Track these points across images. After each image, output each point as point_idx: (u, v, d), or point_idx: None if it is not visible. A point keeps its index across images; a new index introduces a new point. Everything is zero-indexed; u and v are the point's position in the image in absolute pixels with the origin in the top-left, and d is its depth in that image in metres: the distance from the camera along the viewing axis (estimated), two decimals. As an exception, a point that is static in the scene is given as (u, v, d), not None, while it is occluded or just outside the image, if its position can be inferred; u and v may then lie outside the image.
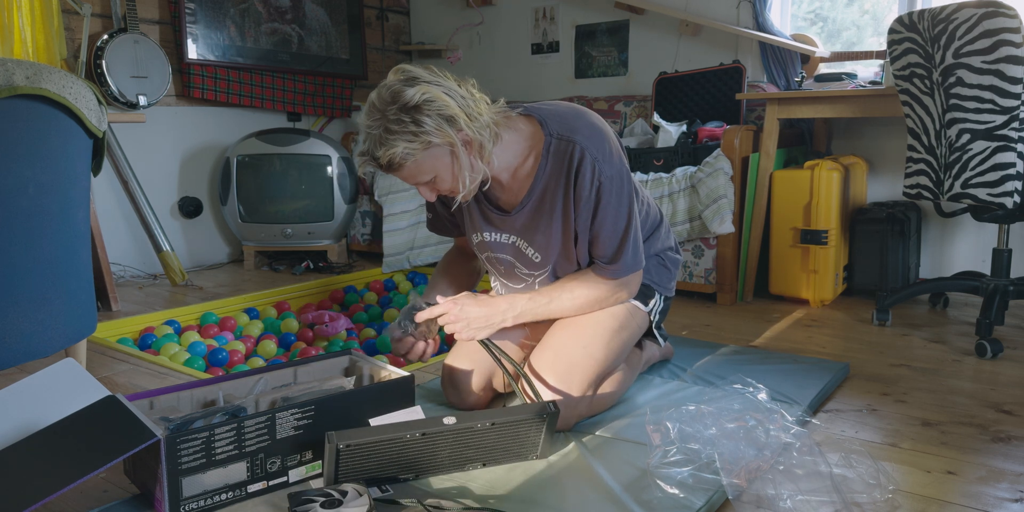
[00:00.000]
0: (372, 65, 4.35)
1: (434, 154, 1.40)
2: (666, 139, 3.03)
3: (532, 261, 1.64)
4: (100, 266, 2.73)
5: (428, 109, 1.36)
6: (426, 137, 1.36)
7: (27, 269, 1.56)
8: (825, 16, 3.38)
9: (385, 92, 1.38)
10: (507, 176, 1.55)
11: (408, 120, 1.35)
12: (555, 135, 1.50)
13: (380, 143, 1.37)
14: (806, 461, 1.37)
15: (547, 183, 1.53)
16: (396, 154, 1.36)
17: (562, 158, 1.49)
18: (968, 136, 2.08)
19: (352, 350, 1.69)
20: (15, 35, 2.75)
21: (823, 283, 2.70)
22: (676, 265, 1.84)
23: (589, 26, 3.85)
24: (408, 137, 1.35)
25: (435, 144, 1.38)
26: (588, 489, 1.32)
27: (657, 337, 1.85)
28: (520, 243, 1.63)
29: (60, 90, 1.55)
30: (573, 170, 1.49)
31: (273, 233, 3.54)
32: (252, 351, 2.33)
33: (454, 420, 1.29)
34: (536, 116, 1.53)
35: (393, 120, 1.36)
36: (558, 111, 1.54)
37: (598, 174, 1.48)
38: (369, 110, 1.40)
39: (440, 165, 1.42)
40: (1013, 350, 2.20)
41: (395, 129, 1.35)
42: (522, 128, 1.53)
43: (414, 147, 1.36)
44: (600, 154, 1.49)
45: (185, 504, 1.22)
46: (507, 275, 1.72)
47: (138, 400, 1.38)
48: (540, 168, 1.52)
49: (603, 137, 1.51)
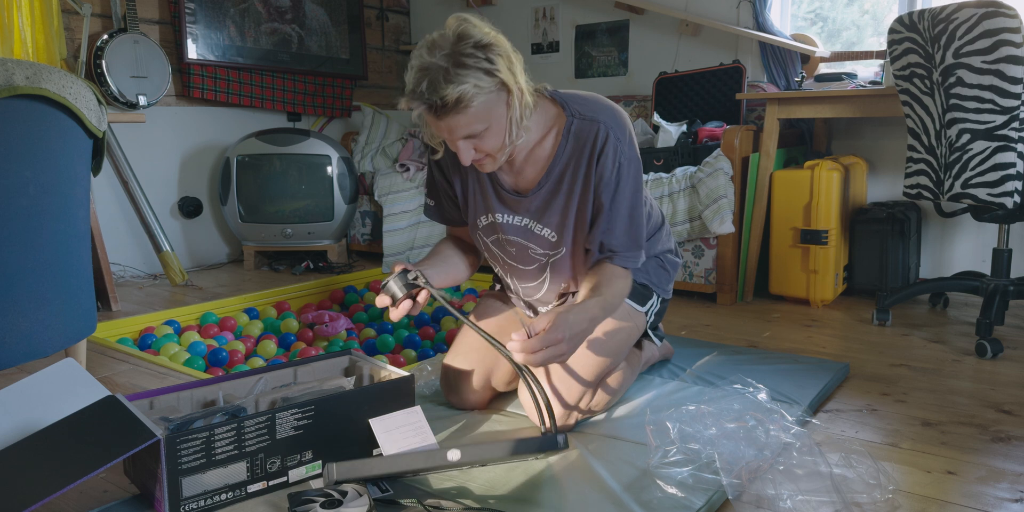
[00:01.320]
0: (372, 65, 4.35)
1: (497, 99, 1.34)
2: (666, 139, 3.03)
3: (548, 241, 1.60)
4: (100, 266, 2.73)
5: (499, 51, 1.32)
6: (499, 76, 1.31)
7: (27, 269, 1.56)
8: (825, 16, 3.38)
9: (449, 32, 1.32)
10: (523, 155, 1.53)
11: (482, 57, 1.30)
12: (577, 116, 1.49)
13: (447, 79, 1.28)
14: (806, 461, 1.37)
15: (567, 163, 1.51)
16: (467, 91, 1.28)
17: (585, 138, 1.48)
18: (968, 136, 2.08)
19: (352, 350, 1.68)
20: (15, 35, 2.75)
21: (823, 283, 2.70)
22: (675, 268, 1.84)
23: (589, 26, 3.85)
24: (480, 74, 1.29)
25: (503, 87, 1.33)
26: (588, 489, 1.32)
27: (652, 338, 1.84)
28: (533, 225, 1.60)
29: (60, 90, 1.55)
30: (597, 149, 1.47)
31: (273, 233, 3.54)
32: (252, 351, 2.33)
33: (458, 456, 1.26)
34: (558, 98, 1.52)
35: (467, 54, 1.29)
36: (579, 96, 1.54)
37: (620, 155, 1.48)
38: (430, 47, 1.31)
39: (498, 114, 1.36)
40: (1013, 350, 2.20)
41: (469, 63, 1.28)
42: (546, 107, 1.51)
43: (486, 85, 1.30)
44: (623, 136, 1.49)
45: (185, 504, 1.22)
46: (518, 257, 1.67)
47: (138, 400, 1.38)
48: (560, 148, 1.50)
49: (624, 123, 1.51)
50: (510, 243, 1.65)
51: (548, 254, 1.62)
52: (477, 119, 1.34)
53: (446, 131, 1.37)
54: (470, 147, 1.40)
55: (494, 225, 1.64)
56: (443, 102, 1.29)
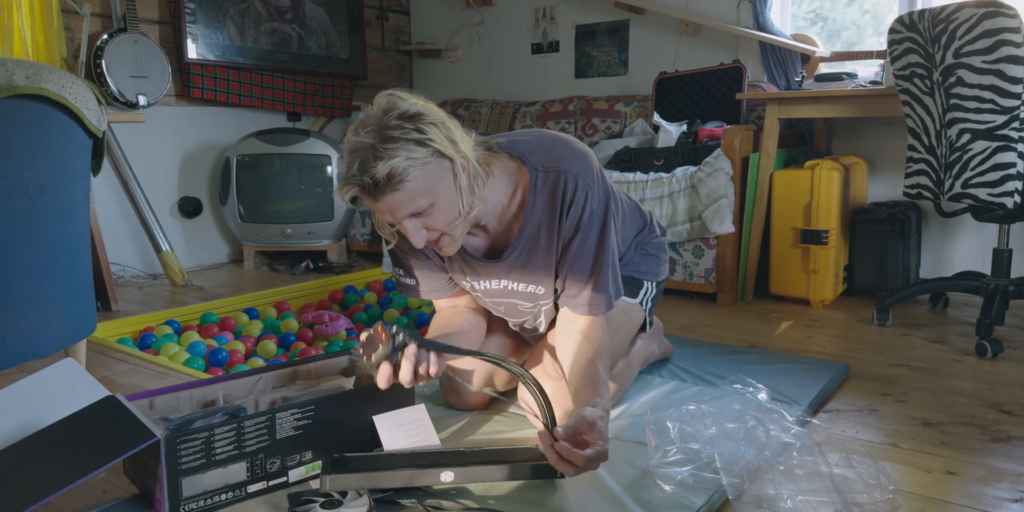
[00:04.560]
0: (372, 65, 4.35)
1: (436, 170, 1.25)
2: (666, 139, 3.03)
3: (534, 294, 1.53)
4: (100, 266, 2.73)
5: (429, 119, 1.24)
6: (431, 145, 1.23)
7: (27, 269, 1.56)
8: (825, 16, 3.38)
9: (375, 109, 1.25)
10: (494, 220, 1.44)
11: (411, 127, 1.22)
12: (540, 169, 1.39)
13: (376, 156, 1.19)
14: (806, 461, 1.37)
15: (539, 220, 1.42)
16: (398, 165, 1.19)
17: (552, 191, 1.39)
18: (968, 136, 2.08)
19: (352, 350, 1.68)
20: (15, 35, 2.75)
21: (823, 283, 2.69)
22: (660, 248, 1.79)
23: (589, 26, 3.85)
24: (411, 145, 1.21)
25: (438, 156, 1.24)
26: (588, 489, 1.32)
27: (647, 322, 1.82)
28: (515, 285, 1.52)
29: (60, 90, 1.55)
30: (568, 200, 1.38)
31: (273, 233, 3.54)
32: (252, 351, 2.33)
33: (451, 477, 1.26)
34: (515, 153, 1.41)
35: (394, 127, 1.21)
36: (535, 142, 1.44)
37: (590, 201, 1.40)
38: (356, 128, 1.24)
39: (442, 186, 1.26)
40: (1013, 350, 2.20)
41: (396, 136, 1.20)
42: (504, 166, 1.41)
43: (419, 156, 1.21)
44: (590, 179, 1.40)
45: (185, 504, 1.22)
46: (508, 312, 1.62)
47: (138, 400, 1.38)
48: (529, 206, 1.40)
49: (587, 161, 1.42)
50: (497, 304, 1.60)
51: (538, 304, 1.57)
52: (418, 194, 1.24)
53: (388, 213, 1.27)
54: (420, 227, 1.29)
55: (475, 290, 1.58)
56: (375, 181, 1.20)
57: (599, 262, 1.45)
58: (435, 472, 1.26)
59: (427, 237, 1.32)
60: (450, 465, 1.28)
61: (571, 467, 1.21)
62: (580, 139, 3.66)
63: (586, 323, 1.49)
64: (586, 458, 1.20)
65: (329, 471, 1.26)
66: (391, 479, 1.25)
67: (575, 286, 1.46)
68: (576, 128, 3.70)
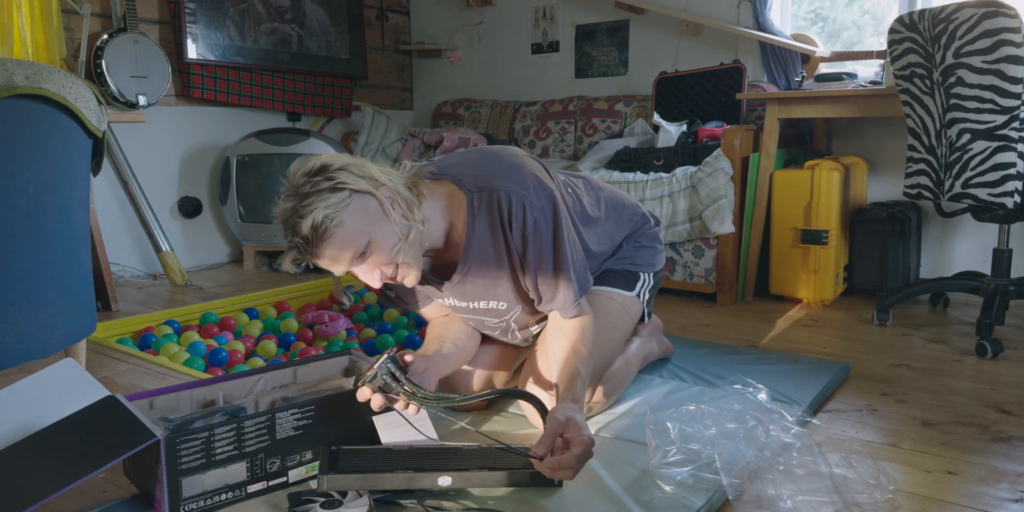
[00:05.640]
0: (372, 65, 4.35)
1: (361, 208, 1.28)
2: (666, 139, 3.03)
3: (497, 310, 1.57)
4: (100, 266, 2.73)
5: (336, 166, 1.29)
6: (346, 187, 1.26)
7: (27, 269, 1.56)
8: (825, 16, 3.38)
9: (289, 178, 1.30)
10: (441, 242, 1.46)
11: (319, 178, 1.26)
12: (473, 189, 1.40)
13: (299, 215, 1.24)
14: (806, 461, 1.37)
15: (483, 240, 1.42)
16: (318, 216, 1.23)
17: (489, 209, 1.39)
18: (968, 136, 2.08)
19: (352, 350, 1.69)
20: (15, 35, 2.75)
21: (823, 283, 2.69)
22: (655, 239, 1.80)
23: (589, 26, 3.85)
24: (325, 195, 1.25)
25: (357, 194, 1.28)
26: (588, 489, 1.32)
27: (645, 315, 1.83)
28: (476, 304, 1.55)
29: (60, 90, 1.55)
30: (507, 216, 1.38)
31: (273, 233, 3.53)
32: (252, 351, 2.33)
33: (449, 482, 1.26)
34: (449, 177, 1.43)
35: (303, 184, 1.26)
36: (467, 162, 1.47)
37: (530, 210, 1.39)
38: (281, 201, 1.30)
39: (371, 222, 1.29)
40: (1013, 350, 2.20)
41: (308, 191, 1.25)
42: (440, 192, 1.43)
43: (335, 202, 1.25)
44: (524, 191, 1.39)
45: (185, 504, 1.22)
46: (479, 327, 1.66)
47: (138, 400, 1.38)
48: (469, 227, 1.41)
49: (519, 172, 1.42)
50: (467, 318, 1.63)
51: (504, 319, 1.60)
52: (351, 235, 1.27)
53: (334, 264, 1.30)
54: (371, 268, 1.33)
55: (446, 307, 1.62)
56: (305, 238, 1.24)
57: (559, 263, 1.44)
58: (433, 476, 1.26)
59: (382, 276, 1.35)
60: (448, 469, 1.28)
61: (569, 472, 1.23)
62: (580, 139, 3.67)
63: (569, 323, 1.50)
64: (576, 457, 1.22)
65: (326, 468, 1.26)
66: (389, 481, 1.25)
67: (548, 291, 1.47)
68: (576, 128, 3.70)
